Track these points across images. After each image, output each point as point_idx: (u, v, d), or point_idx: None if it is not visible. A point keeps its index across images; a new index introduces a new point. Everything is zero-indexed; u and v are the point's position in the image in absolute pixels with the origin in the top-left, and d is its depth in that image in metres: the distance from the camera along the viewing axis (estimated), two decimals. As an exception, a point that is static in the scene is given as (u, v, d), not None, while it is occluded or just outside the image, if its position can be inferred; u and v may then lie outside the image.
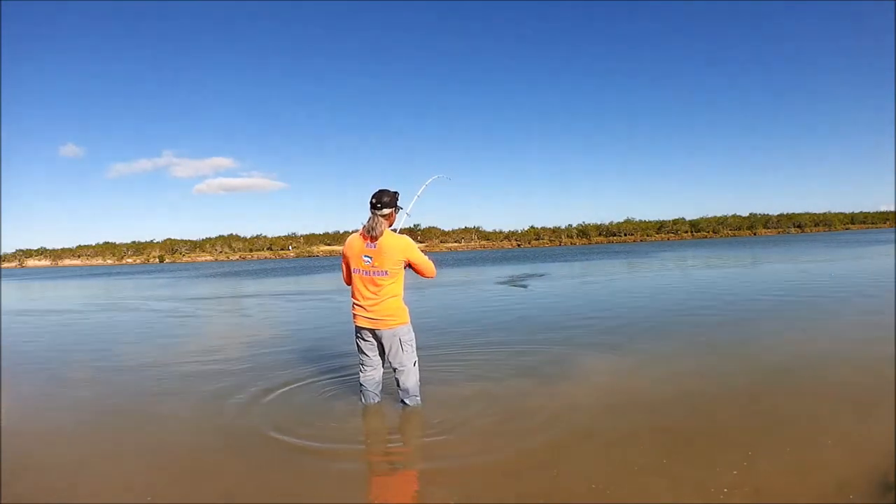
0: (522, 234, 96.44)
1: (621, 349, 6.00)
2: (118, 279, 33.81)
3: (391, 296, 3.91)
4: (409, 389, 4.05)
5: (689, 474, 2.87)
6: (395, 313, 3.93)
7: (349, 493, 2.93)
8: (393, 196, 3.95)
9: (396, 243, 3.89)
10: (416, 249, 3.96)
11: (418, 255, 3.96)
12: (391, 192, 3.96)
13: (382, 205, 3.89)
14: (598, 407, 4.07)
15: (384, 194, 3.91)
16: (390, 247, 3.85)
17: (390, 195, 3.93)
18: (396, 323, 3.94)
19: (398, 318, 3.94)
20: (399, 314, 3.95)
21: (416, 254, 3.95)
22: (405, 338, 3.97)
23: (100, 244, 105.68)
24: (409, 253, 3.92)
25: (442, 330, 7.79)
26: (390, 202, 3.91)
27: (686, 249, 41.62)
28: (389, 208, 3.90)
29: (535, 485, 2.86)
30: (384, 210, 3.89)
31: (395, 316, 3.93)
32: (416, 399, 4.08)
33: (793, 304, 9.07)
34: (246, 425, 4.00)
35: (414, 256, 3.94)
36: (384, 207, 3.89)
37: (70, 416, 4.39)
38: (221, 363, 6.15)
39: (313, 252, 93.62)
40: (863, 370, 4.74)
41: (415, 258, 3.94)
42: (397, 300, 3.93)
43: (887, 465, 2.87)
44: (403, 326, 3.97)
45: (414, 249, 3.96)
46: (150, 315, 11.87)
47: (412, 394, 4.06)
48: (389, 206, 3.91)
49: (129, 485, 3.06)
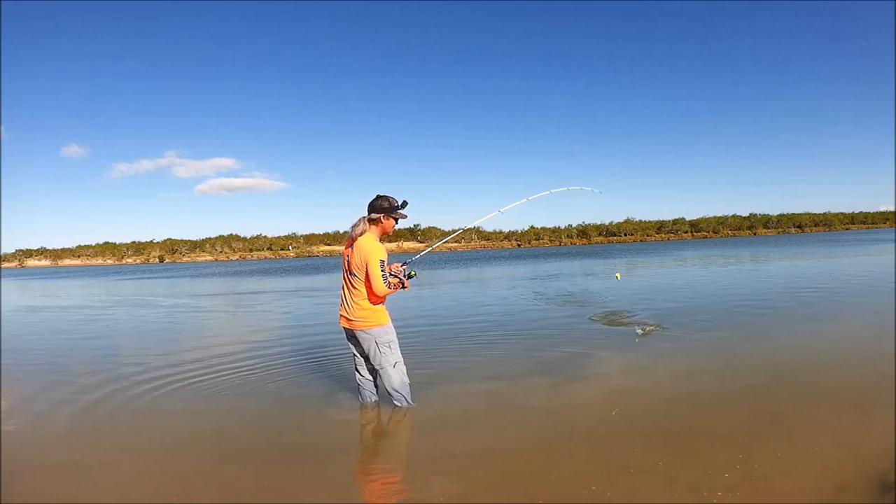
0: (522, 234, 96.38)
1: (632, 349, 6.01)
2: (120, 279, 33.79)
3: (365, 297, 3.88)
4: (392, 391, 4.00)
5: (687, 475, 2.87)
6: (367, 315, 3.89)
7: (347, 492, 2.93)
8: (384, 202, 3.91)
9: (363, 246, 3.83)
10: (375, 260, 3.78)
11: (374, 266, 3.77)
12: (387, 198, 3.93)
13: (370, 209, 3.93)
14: (602, 406, 4.08)
15: (377, 199, 3.93)
16: (359, 250, 3.84)
17: (382, 201, 3.92)
18: (370, 324, 3.90)
19: (371, 319, 3.89)
20: (373, 316, 3.88)
21: (372, 264, 3.78)
22: (381, 339, 3.91)
23: (100, 244, 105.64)
24: (368, 259, 3.79)
25: (456, 326, 7.80)
26: (377, 207, 3.91)
27: (688, 249, 41.58)
28: (377, 213, 3.91)
29: (533, 484, 2.86)
30: (371, 214, 3.93)
31: (367, 318, 3.89)
32: (403, 400, 4.01)
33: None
34: (246, 425, 4.00)
35: (370, 265, 3.78)
36: (371, 212, 3.93)
37: (68, 417, 4.40)
38: (222, 362, 6.15)
39: (313, 252, 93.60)
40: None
41: (370, 268, 3.79)
42: (372, 301, 3.87)
43: (887, 465, 2.87)
44: (379, 328, 3.90)
45: (372, 258, 3.79)
46: (178, 313, 11.87)
47: (396, 395, 4.00)
48: (376, 211, 3.91)
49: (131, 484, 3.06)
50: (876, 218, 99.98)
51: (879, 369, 4.69)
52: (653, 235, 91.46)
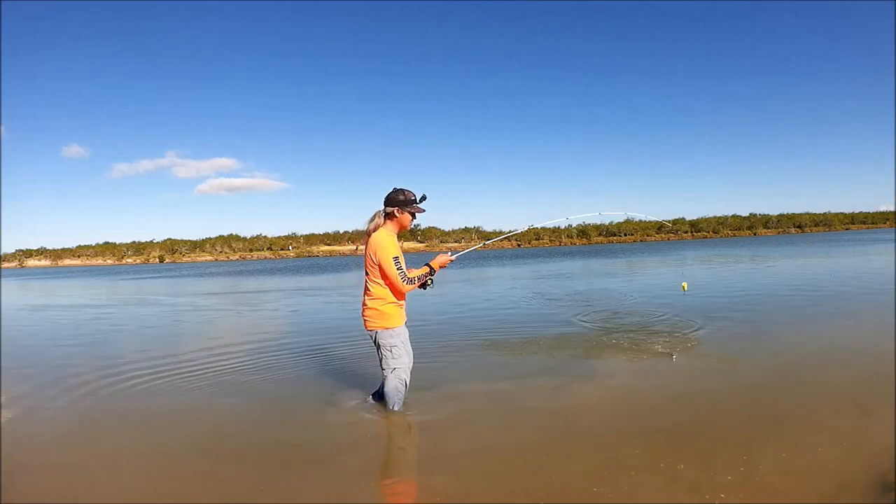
0: (522, 234, 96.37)
1: (632, 349, 6.01)
2: (121, 279, 33.78)
3: (374, 297, 3.76)
4: (386, 395, 3.92)
5: (688, 475, 2.86)
6: (372, 315, 3.77)
7: (346, 493, 2.92)
8: (400, 195, 3.73)
9: (374, 243, 3.67)
10: (388, 258, 3.60)
11: (388, 266, 3.61)
12: (402, 191, 3.75)
13: (385, 202, 3.79)
14: (603, 406, 4.07)
15: (392, 192, 3.76)
16: (370, 246, 3.70)
17: (397, 194, 3.74)
18: (374, 325, 3.78)
19: (376, 320, 3.77)
20: (379, 317, 3.75)
21: (385, 263, 3.61)
22: (383, 342, 3.78)
23: (100, 244, 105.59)
24: (380, 257, 3.63)
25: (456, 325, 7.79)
26: (392, 200, 3.74)
27: (689, 249, 41.56)
28: (391, 207, 3.76)
29: (533, 484, 2.86)
30: (386, 208, 3.78)
31: (372, 318, 3.78)
32: (392, 406, 3.90)
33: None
34: (246, 425, 4.00)
35: (384, 264, 3.63)
36: (385, 205, 3.79)
37: (68, 416, 4.40)
38: (222, 362, 6.14)
39: (313, 252, 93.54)
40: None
41: (385, 268, 3.63)
42: (381, 302, 3.75)
43: (887, 465, 2.86)
44: (383, 330, 3.77)
45: (385, 256, 3.60)
46: (184, 312, 11.86)
47: (388, 400, 3.91)
48: (391, 205, 3.75)
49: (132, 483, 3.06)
50: (876, 218, 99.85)
51: (880, 369, 4.68)
52: (653, 235, 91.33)
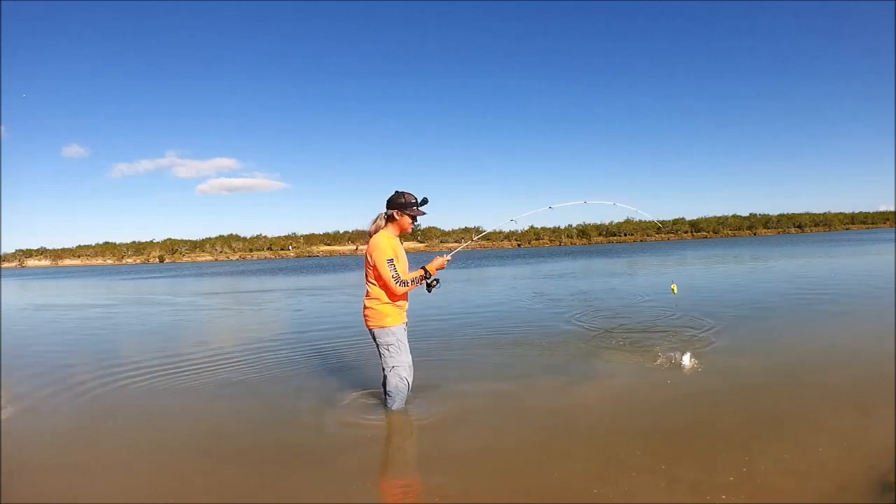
0: (522, 234, 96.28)
1: (632, 350, 6.01)
2: (121, 279, 33.78)
3: (371, 296, 3.84)
4: (388, 393, 3.95)
5: (688, 475, 2.86)
6: (371, 315, 3.85)
7: (346, 493, 2.92)
8: (400, 197, 3.81)
9: (373, 244, 3.78)
10: (383, 260, 3.68)
11: (382, 267, 3.69)
12: (403, 194, 3.83)
13: (386, 204, 3.87)
14: (603, 406, 4.07)
15: (394, 195, 3.85)
16: (369, 248, 3.79)
17: (398, 196, 3.82)
18: (372, 324, 3.86)
19: (375, 319, 3.84)
20: (376, 316, 3.82)
21: (380, 264, 3.70)
22: (381, 340, 3.84)
23: (100, 244, 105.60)
24: (375, 259, 3.72)
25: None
26: (392, 203, 3.83)
27: (689, 249, 41.56)
28: (390, 209, 3.84)
29: (533, 484, 2.86)
30: (387, 210, 3.87)
31: (370, 317, 3.85)
32: (393, 404, 3.93)
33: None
34: (246, 425, 4.00)
35: (378, 266, 3.71)
36: (387, 207, 3.87)
37: (68, 416, 4.40)
38: (222, 362, 6.14)
39: (313, 252, 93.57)
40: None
41: (379, 269, 3.71)
42: (377, 301, 3.82)
43: (887, 464, 2.86)
44: (381, 329, 3.83)
45: (380, 257, 3.69)
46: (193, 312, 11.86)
47: (390, 398, 3.93)
48: (391, 207, 3.84)
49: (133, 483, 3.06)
50: (876, 218, 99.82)
51: (880, 369, 4.68)
52: (653, 235, 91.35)
